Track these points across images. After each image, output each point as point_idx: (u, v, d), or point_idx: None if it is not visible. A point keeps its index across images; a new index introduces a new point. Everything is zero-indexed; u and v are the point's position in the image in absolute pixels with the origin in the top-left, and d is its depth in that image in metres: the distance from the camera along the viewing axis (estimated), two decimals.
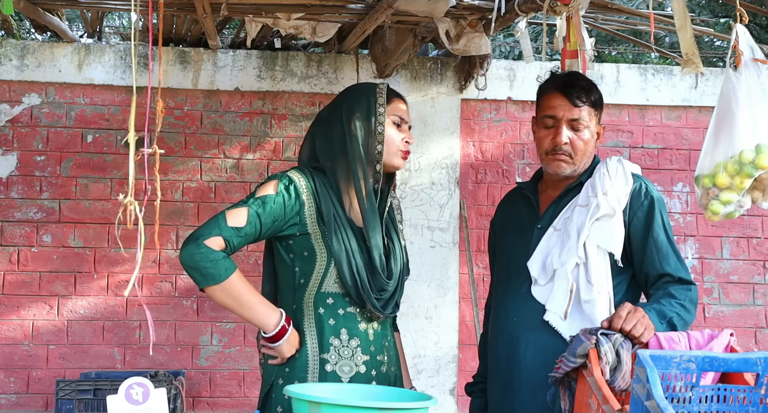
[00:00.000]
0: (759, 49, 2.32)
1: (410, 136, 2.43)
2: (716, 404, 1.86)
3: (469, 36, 3.89)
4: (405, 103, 2.48)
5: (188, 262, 2.18)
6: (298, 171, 2.35)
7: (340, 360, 2.28)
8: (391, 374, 2.40)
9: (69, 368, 4.60)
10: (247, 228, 2.22)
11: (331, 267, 2.28)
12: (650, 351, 1.81)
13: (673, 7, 2.67)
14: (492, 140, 5.01)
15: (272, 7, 3.73)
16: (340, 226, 2.29)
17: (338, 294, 2.30)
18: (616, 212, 2.40)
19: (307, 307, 2.31)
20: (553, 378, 2.16)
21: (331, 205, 2.30)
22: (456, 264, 4.86)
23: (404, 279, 2.43)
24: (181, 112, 4.78)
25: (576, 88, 2.51)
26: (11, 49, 4.65)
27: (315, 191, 2.30)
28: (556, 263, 2.41)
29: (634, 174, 2.47)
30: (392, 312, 2.37)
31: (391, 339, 2.45)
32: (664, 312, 2.28)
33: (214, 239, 2.18)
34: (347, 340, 2.30)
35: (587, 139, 2.49)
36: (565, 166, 2.50)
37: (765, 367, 1.82)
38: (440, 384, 4.79)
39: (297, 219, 2.29)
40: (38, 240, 4.65)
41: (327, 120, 2.43)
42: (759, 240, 5.15)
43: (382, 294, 2.32)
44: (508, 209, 2.73)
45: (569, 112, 2.48)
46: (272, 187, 2.29)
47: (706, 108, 5.10)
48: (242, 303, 2.23)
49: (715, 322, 5.05)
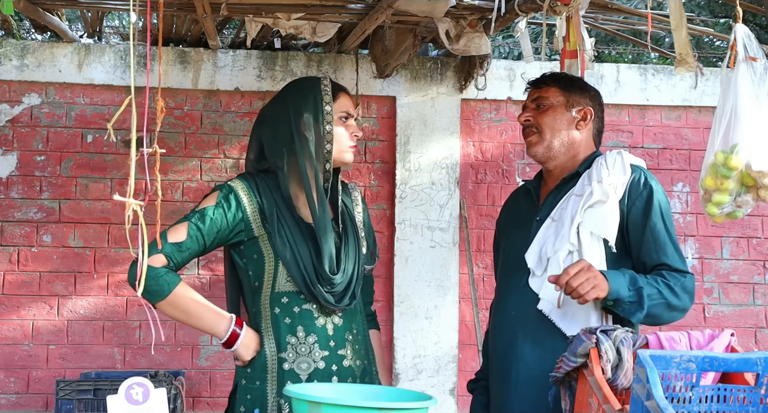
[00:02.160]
0: (757, 48, 2.31)
1: (357, 129, 2.45)
2: (716, 404, 1.86)
3: (469, 36, 3.89)
4: (349, 95, 2.50)
5: (133, 282, 2.25)
6: (240, 178, 2.40)
7: (298, 358, 2.33)
8: (356, 368, 2.40)
9: (69, 368, 4.60)
10: (188, 242, 2.29)
11: (280, 267, 2.33)
12: (650, 351, 1.81)
13: (669, 7, 2.68)
14: (492, 140, 5.01)
15: (272, 7, 3.73)
16: (284, 226, 2.34)
17: (292, 293, 2.34)
18: (609, 197, 2.38)
19: (264, 309, 2.36)
20: (554, 378, 2.16)
21: (275, 206, 2.35)
22: (456, 264, 4.86)
23: (361, 270, 2.44)
24: (181, 112, 4.78)
25: (543, 76, 2.61)
26: (11, 49, 4.65)
27: (257, 195, 2.35)
28: (550, 252, 2.41)
29: (633, 165, 2.46)
30: (348, 304, 2.38)
31: (360, 333, 2.46)
32: (637, 281, 2.28)
33: (155, 257, 2.24)
34: (304, 337, 2.34)
35: (553, 114, 2.51)
36: (536, 145, 2.52)
37: (765, 367, 1.83)
38: (440, 384, 4.79)
39: (242, 226, 2.35)
40: (38, 240, 4.65)
41: (273, 120, 2.45)
42: (759, 240, 5.15)
43: (334, 287, 2.34)
44: (511, 205, 2.75)
45: (532, 95, 2.58)
46: (213, 198, 2.35)
47: (706, 108, 5.11)
48: (190, 314, 2.30)
49: (715, 322, 5.05)
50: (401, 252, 4.82)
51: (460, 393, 4.74)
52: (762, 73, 2.31)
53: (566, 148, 2.51)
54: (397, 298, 4.80)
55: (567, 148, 2.51)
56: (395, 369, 4.78)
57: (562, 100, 2.52)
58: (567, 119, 2.51)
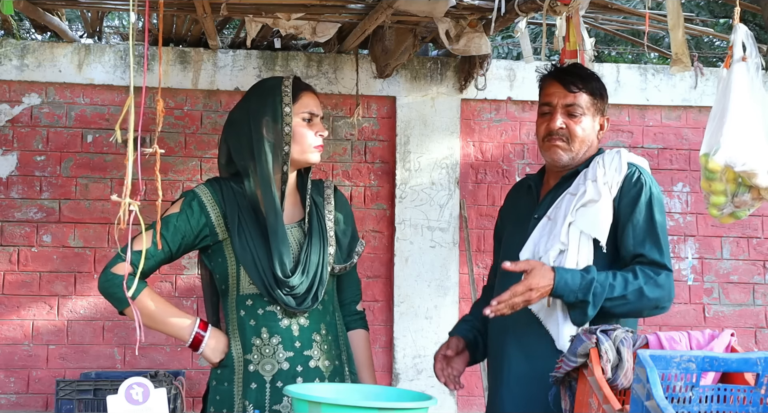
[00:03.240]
0: (752, 48, 2.30)
1: (322, 129, 2.43)
2: (716, 404, 1.86)
3: (469, 36, 3.89)
4: (315, 95, 2.47)
5: (101, 291, 2.34)
6: (205, 183, 2.44)
7: (263, 359, 2.35)
8: (324, 369, 2.40)
9: (69, 368, 4.60)
10: (152, 249, 2.31)
11: (242, 271, 2.35)
12: (650, 351, 1.81)
13: (666, 6, 2.69)
14: (492, 140, 5.01)
15: (272, 7, 3.73)
16: (245, 230, 2.36)
17: (256, 295, 2.36)
18: (602, 197, 2.36)
19: (231, 311, 2.40)
20: (554, 378, 2.16)
21: (237, 210, 2.37)
22: (456, 264, 4.86)
23: (325, 272, 2.41)
24: (181, 112, 4.78)
25: (572, 75, 2.49)
26: (11, 49, 4.65)
27: (221, 200, 2.38)
28: (541, 251, 2.39)
29: (630, 162, 2.44)
30: (310, 307, 2.37)
31: (330, 333, 2.44)
32: (590, 274, 2.25)
33: (119, 265, 2.30)
34: (268, 338, 2.35)
35: (585, 126, 2.46)
36: (562, 153, 2.46)
37: (765, 367, 1.83)
38: (440, 384, 4.74)
39: (207, 231, 2.38)
40: (38, 240, 4.65)
41: (237, 123, 2.46)
42: (759, 240, 5.15)
43: (294, 289, 2.34)
44: (513, 197, 2.73)
45: (564, 98, 2.46)
46: (177, 206, 2.40)
47: (706, 108, 5.10)
48: (155, 319, 2.34)
49: (715, 322, 5.05)
50: (401, 253, 4.82)
51: (460, 392, 4.74)
52: (755, 73, 2.31)
53: (585, 155, 2.49)
54: (397, 298, 4.80)
55: (585, 154, 2.49)
56: (395, 369, 4.78)
57: (591, 108, 2.48)
58: (593, 128, 2.49)
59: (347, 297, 2.59)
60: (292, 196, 2.47)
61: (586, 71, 2.55)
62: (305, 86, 2.46)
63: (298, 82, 2.45)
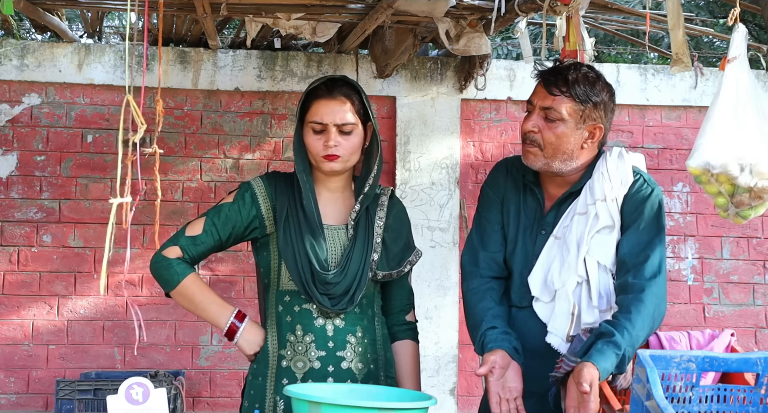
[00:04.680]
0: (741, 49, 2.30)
1: (328, 138, 2.36)
2: (716, 404, 1.86)
3: (469, 36, 3.89)
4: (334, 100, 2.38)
5: (151, 272, 2.42)
6: (263, 176, 2.48)
7: (295, 356, 2.36)
8: (357, 371, 2.39)
9: (69, 368, 4.60)
10: (203, 236, 2.39)
11: (283, 266, 2.38)
12: (650, 351, 1.81)
13: (666, 6, 2.70)
14: (492, 140, 5.01)
15: (272, 7, 3.73)
16: (291, 225, 2.38)
17: (294, 292, 2.38)
18: (615, 222, 2.28)
19: (270, 305, 2.43)
20: (554, 378, 2.16)
21: (287, 205, 2.40)
22: (456, 264, 4.86)
23: (365, 276, 2.40)
24: (181, 112, 4.78)
25: (557, 77, 2.31)
26: (11, 49, 4.65)
27: (273, 194, 2.42)
28: (557, 282, 2.29)
29: (634, 170, 2.35)
30: (345, 309, 2.37)
31: (368, 337, 2.44)
32: (616, 343, 2.07)
33: (170, 249, 2.39)
34: (302, 336, 2.37)
35: (561, 134, 2.28)
36: (534, 159, 2.32)
37: (765, 367, 1.83)
38: (440, 384, 4.79)
39: (257, 223, 2.42)
40: (38, 240, 4.65)
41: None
42: (759, 240, 5.15)
43: (329, 288, 2.34)
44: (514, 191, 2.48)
45: (543, 100, 2.31)
46: (232, 195, 2.44)
47: (706, 108, 5.02)
48: (196, 304, 2.39)
49: (715, 322, 5.05)
50: None
51: (460, 393, 4.74)
52: (748, 74, 2.31)
53: (565, 163, 2.33)
54: None
55: (566, 163, 2.33)
56: None
57: (574, 115, 2.28)
58: (574, 137, 2.30)
59: (396, 306, 2.59)
60: (342, 199, 2.47)
61: (578, 74, 2.31)
62: (322, 94, 2.39)
63: (313, 90, 2.40)
